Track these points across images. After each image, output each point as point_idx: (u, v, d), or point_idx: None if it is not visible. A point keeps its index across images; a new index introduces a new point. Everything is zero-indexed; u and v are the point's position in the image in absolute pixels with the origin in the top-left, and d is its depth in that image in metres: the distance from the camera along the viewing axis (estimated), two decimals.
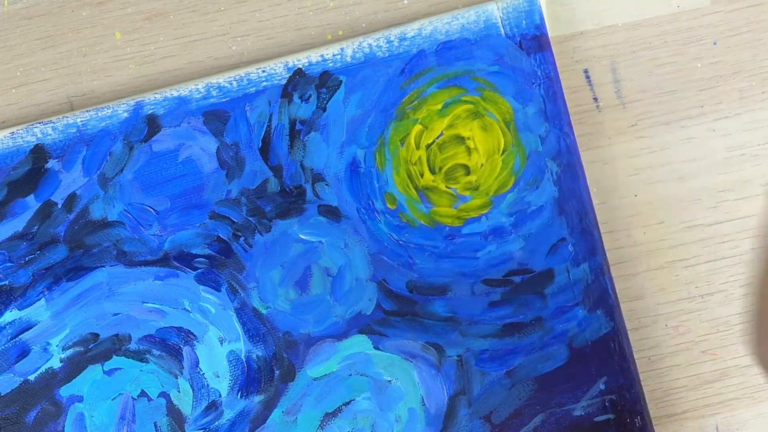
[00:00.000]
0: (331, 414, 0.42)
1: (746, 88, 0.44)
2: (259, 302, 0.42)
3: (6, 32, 0.43)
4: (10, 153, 0.41)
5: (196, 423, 0.41)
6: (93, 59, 0.43)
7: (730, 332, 0.43)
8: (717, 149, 0.43)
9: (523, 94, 0.42)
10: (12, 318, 0.41)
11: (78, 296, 0.41)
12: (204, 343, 0.42)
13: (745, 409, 0.43)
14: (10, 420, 0.41)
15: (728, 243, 0.43)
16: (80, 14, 0.43)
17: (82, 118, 0.42)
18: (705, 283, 0.43)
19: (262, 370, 0.42)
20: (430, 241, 0.42)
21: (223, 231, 0.42)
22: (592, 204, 0.42)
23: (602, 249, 0.42)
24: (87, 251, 0.41)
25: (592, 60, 0.43)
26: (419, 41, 0.42)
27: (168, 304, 0.42)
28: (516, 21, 0.42)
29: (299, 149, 0.42)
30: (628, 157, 0.43)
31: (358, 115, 0.42)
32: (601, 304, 0.42)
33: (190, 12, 0.43)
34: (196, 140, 0.42)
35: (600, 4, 0.44)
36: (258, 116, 0.42)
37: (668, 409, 0.43)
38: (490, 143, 0.42)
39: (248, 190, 0.42)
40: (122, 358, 0.41)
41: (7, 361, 0.41)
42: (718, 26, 0.44)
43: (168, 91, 0.42)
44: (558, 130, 0.42)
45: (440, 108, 0.42)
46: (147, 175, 0.42)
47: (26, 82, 0.43)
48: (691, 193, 0.43)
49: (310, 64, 0.42)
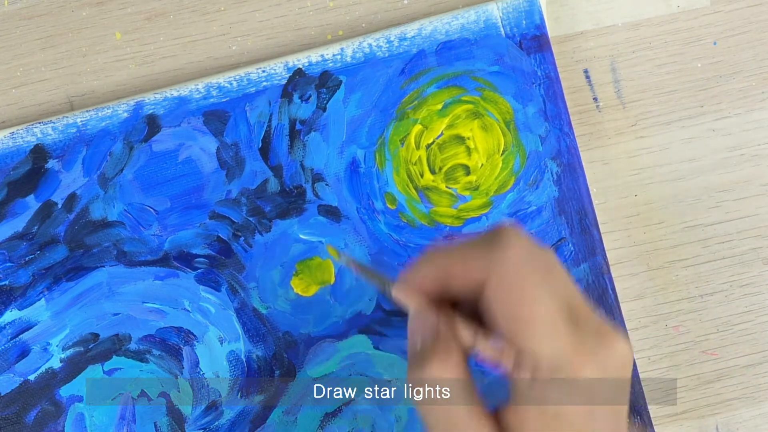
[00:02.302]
0: (331, 414, 0.42)
1: (746, 88, 0.44)
2: (259, 302, 0.42)
3: (6, 32, 0.43)
4: (10, 153, 0.41)
5: (196, 423, 0.41)
6: (93, 59, 0.43)
7: (730, 332, 0.43)
8: (717, 149, 0.43)
9: (523, 94, 0.42)
10: (12, 318, 0.41)
11: (78, 296, 0.41)
12: (204, 343, 0.42)
13: (745, 409, 0.43)
14: (10, 420, 0.41)
15: (728, 243, 0.43)
16: (80, 14, 0.43)
17: (82, 118, 0.42)
18: (705, 283, 0.43)
19: (262, 370, 0.42)
20: (430, 241, 0.42)
21: (223, 231, 0.42)
22: (592, 204, 0.42)
23: (602, 249, 0.42)
24: (87, 251, 0.41)
25: (592, 60, 0.43)
26: (419, 41, 0.42)
27: (168, 304, 0.42)
28: (516, 21, 0.42)
29: (299, 149, 0.42)
30: (628, 157, 0.43)
31: (358, 115, 0.42)
32: (601, 304, 0.42)
33: (190, 12, 0.43)
34: (196, 140, 0.42)
35: (600, 4, 0.44)
36: (258, 116, 0.42)
37: (668, 409, 0.43)
38: (490, 143, 0.42)
39: (248, 190, 0.42)
40: (122, 358, 0.41)
41: (7, 361, 0.41)
42: (718, 26, 0.44)
43: (168, 91, 0.42)
44: (558, 130, 0.42)
45: (440, 108, 0.42)
46: (147, 175, 0.42)
47: (26, 82, 0.43)
48: (691, 193, 0.43)
49: (310, 64, 0.42)
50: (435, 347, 0.31)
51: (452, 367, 0.30)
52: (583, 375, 0.29)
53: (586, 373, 0.29)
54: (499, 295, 0.30)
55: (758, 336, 0.43)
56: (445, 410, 0.30)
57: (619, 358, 0.30)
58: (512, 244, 0.30)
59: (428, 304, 0.32)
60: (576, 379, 0.29)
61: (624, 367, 0.30)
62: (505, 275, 0.30)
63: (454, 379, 0.30)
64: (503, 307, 0.30)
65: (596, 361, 0.29)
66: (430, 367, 0.30)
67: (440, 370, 0.30)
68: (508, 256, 0.30)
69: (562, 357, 0.29)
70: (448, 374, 0.30)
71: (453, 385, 0.30)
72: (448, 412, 0.30)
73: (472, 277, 0.31)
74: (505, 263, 0.30)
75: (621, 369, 0.30)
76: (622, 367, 0.30)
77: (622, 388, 0.31)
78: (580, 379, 0.29)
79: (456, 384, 0.30)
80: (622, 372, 0.30)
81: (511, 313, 0.30)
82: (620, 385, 0.31)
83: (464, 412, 0.30)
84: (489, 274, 0.30)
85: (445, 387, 0.30)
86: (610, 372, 0.30)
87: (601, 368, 0.30)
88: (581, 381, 0.29)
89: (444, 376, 0.30)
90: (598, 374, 0.29)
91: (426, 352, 0.31)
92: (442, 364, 0.30)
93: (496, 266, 0.30)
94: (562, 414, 0.29)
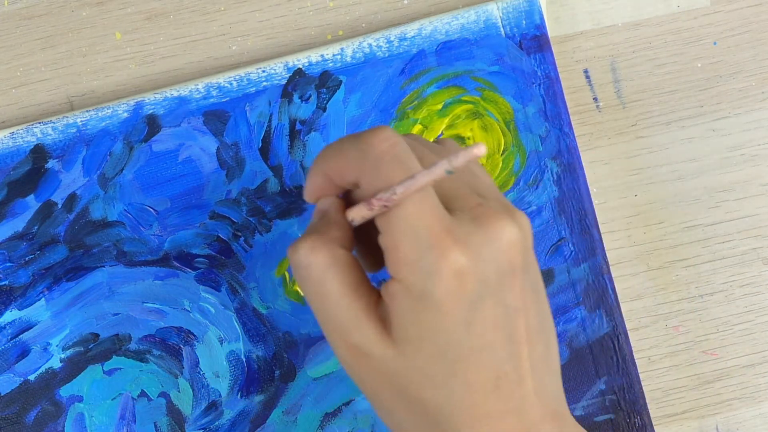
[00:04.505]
0: (331, 414, 0.42)
1: (746, 88, 0.44)
2: (259, 302, 0.42)
3: (6, 32, 0.43)
4: (10, 153, 0.41)
5: (196, 423, 0.41)
6: (93, 59, 0.43)
7: (730, 332, 0.43)
8: (717, 149, 0.43)
9: (523, 94, 0.42)
10: (12, 318, 0.41)
11: (78, 296, 0.41)
12: (204, 343, 0.42)
13: (745, 409, 0.43)
14: (10, 420, 0.41)
15: (728, 243, 0.43)
16: (80, 14, 0.43)
17: (82, 118, 0.42)
18: (705, 283, 0.43)
19: (262, 370, 0.42)
20: None
21: (223, 231, 0.42)
22: (592, 204, 0.42)
23: (602, 249, 0.42)
24: (87, 251, 0.41)
25: (592, 60, 0.43)
26: (419, 41, 0.42)
27: (168, 304, 0.42)
28: (516, 21, 0.42)
29: (299, 149, 0.42)
30: (628, 157, 0.43)
31: (358, 115, 0.42)
32: (601, 304, 0.42)
33: (190, 12, 0.43)
34: (196, 140, 0.42)
35: (600, 4, 0.44)
36: (258, 116, 0.42)
37: (668, 409, 0.43)
38: (490, 143, 0.42)
39: (248, 190, 0.42)
40: (122, 358, 0.41)
41: (7, 361, 0.41)
42: (718, 26, 0.44)
43: (168, 91, 0.42)
44: (558, 130, 0.42)
45: (440, 108, 0.42)
46: (147, 175, 0.42)
47: (26, 82, 0.43)
48: (691, 193, 0.43)
49: (310, 64, 0.42)
50: (314, 225, 0.32)
51: (326, 242, 0.30)
52: (449, 260, 0.28)
53: (452, 256, 0.28)
54: (369, 193, 0.30)
55: (758, 336, 0.43)
56: (319, 281, 0.30)
57: (497, 242, 0.29)
58: (377, 142, 0.29)
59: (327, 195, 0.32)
60: (438, 263, 0.28)
61: (505, 253, 0.29)
62: (371, 173, 0.29)
63: (326, 254, 0.30)
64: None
65: (467, 245, 0.28)
66: (303, 242, 0.30)
67: (313, 243, 0.30)
68: (374, 153, 0.29)
69: (426, 241, 0.28)
70: (321, 250, 0.30)
71: (325, 257, 0.30)
72: (321, 286, 0.30)
73: (350, 176, 0.31)
74: (371, 160, 0.29)
75: (501, 254, 0.29)
76: (501, 253, 0.29)
77: (503, 275, 0.29)
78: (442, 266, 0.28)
79: (327, 259, 0.30)
80: (502, 258, 0.29)
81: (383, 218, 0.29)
82: (501, 274, 0.29)
83: (336, 284, 0.30)
84: (360, 173, 0.30)
85: (318, 258, 0.30)
86: (486, 258, 0.29)
87: (473, 254, 0.28)
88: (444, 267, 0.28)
89: (317, 252, 0.30)
90: (467, 259, 0.28)
91: (307, 231, 0.31)
92: (318, 238, 0.30)
93: (365, 164, 0.30)
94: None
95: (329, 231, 0.31)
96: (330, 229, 0.31)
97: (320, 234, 0.31)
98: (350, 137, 0.31)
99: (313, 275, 0.30)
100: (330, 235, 0.31)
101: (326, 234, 0.31)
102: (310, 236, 0.31)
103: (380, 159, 0.29)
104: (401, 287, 0.29)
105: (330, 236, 0.31)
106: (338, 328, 0.31)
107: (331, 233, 0.31)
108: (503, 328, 0.29)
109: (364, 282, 0.31)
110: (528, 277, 0.30)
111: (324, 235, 0.31)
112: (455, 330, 0.29)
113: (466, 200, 0.30)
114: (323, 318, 0.31)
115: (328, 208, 0.32)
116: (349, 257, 0.31)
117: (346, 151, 0.30)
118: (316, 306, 0.31)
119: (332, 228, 0.31)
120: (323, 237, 0.31)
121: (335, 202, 0.32)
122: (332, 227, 0.31)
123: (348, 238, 0.31)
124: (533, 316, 0.30)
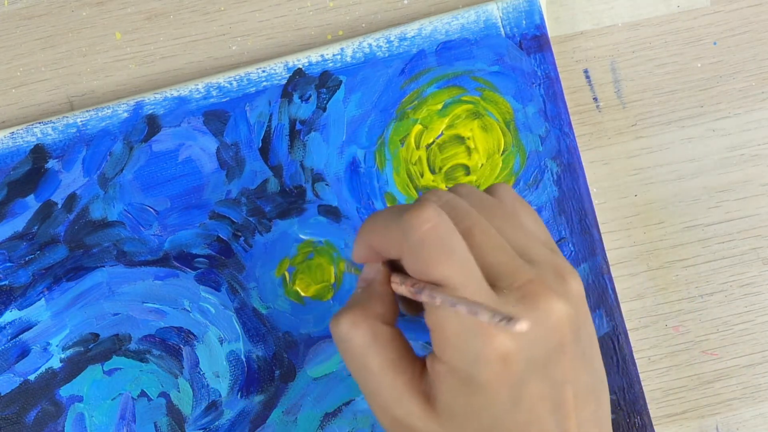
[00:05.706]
0: (331, 414, 0.42)
1: (746, 88, 0.44)
2: (259, 302, 0.42)
3: (6, 32, 0.43)
4: (10, 153, 0.41)
5: (196, 423, 0.41)
6: (93, 59, 0.43)
7: (730, 332, 0.43)
8: (717, 149, 0.43)
9: (523, 94, 0.42)
10: (12, 318, 0.41)
11: (78, 296, 0.41)
12: (204, 343, 0.42)
13: (745, 409, 0.43)
14: (10, 420, 0.41)
15: (728, 243, 0.43)
16: (80, 14, 0.43)
17: (82, 118, 0.42)
18: (705, 283, 0.43)
19: (262, 370, 0.42)
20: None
21: (223, 231, 0.42)
22: (592, 204, 0.42)
23: (602, 249, 0.42)
24: (87, 251, 0.41)
25: (592, 60, 0.43)
26: (419, 41, 0.42)
27: (168, 304, 0.42)
28: (516, 21, 0.42)
29: (299, 149, 0.42)
30: (628, 157, 0.43)
31: (358, 115, 0.42)
32: (601, 304, 0.42)
33: (190, 12, 0.43)
34: (196, 140, 0.42)
35: (600, 4, 0.44)
36: (258, 116, 0.42)
37: (668, 409, 0.43)
38: (490, 143, 0.42)
39: (248, 190, 0.42)
40: (122, 358, 0.41)
41: (7, 361, 0.41)
42: (718, 26, 0.44)
43: (168, 91, 0.42)
44: (558, 130, 0.42)
45: (440, 108, 0.42)
46: (147, 175, 0.42)
47: (26, 82, 0.43)
48: (691, 193, 0.43)
49: (310, 64, 0.42)
50: (357, 296, 0.31)
51: (368, 317, 0.30)
52: (495, 345, 0.28)
53: (498, 341, 0.28)
54: (414, 272, 0.30)
55: (758, 336, 0.43)
56: (360, 356, 0.30)
57: (546, 322, 0.28)
58: (418, 223, 0.29)
59: (376, 262, 0.32)
60: (485, 349, 0.28)
61: (554, 332, 0.28)
62: (413, 256, 0.29)
63: (367, 330, 0.30)
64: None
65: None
66: (345, 315, 0.30)
67: (354, 318, 0.30)
68: (415, 237, 0.29)
69: (472, 326, 0.28)
70: (362, 326, 0.30)
71: (366, 334, 0.30)
72: (363, 361, 0.30)
73: (393, 253, 0.30)
74: (412, 244, 0.29)
75: (549, 333, 0.28)
76: (550, 332, 0.28)
77: (551, 352, 0.28)
78: (488, 348, 0.28)
79: (369, 336, 0.30)
80: (550, 337, 0.28)
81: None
82: (549, 351, 0.28)
83: (378, 361, 0.30)
84: (402, 254, 0.30)
85: (359, 334, 0.30)
86: (534, 338, 0.28)
87: (520, 336, 0.28)
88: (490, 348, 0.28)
89: (358, 327, 0.30)
90: (513, 343, 0.28)
91: (349, 303, 0.31)
92: (360, 312, 0.30)
93: (406, 246, 0.29)
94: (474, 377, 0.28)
95: (372, 305, 0.31)
96: (373, 304, 0.31)
97: (363, 309, 0.30)
98: (394, 211, 0.30)
99: (355, 350, 0.30)
100: (373, 311, 0.31)
101: (369, 309, 0.30)
102: (352, 310, 0.30)
103: (421, 243, 0.29)
104: (447, 368, 0.29)
105: (372, 311, 0.30)
106: (381, 402, 0.30)
107: (374, 308, 0.31)
108: (550, 399, 0.29)
109: (407, 355, 0.30)
110: (578, 346, 0.30)
111: (367, 310, 0.30)
112: (501, 408, 0.29)
113: (513, 277, 0.29)
114: (366, 391, 0.31)
115: (373, 278, 0.32)
116: (392, 332, 0.31)
117: (389, 229, 0.30)
118: (358, 379, 0.31)
119: (376, 302, 0.31)
120: (366, 312, 0.30)
121: (381, 272, 0.32)
122: (376, 301, 0.31)
123: (391, 313, 0.31)
124: (583, 381, 0.30)
